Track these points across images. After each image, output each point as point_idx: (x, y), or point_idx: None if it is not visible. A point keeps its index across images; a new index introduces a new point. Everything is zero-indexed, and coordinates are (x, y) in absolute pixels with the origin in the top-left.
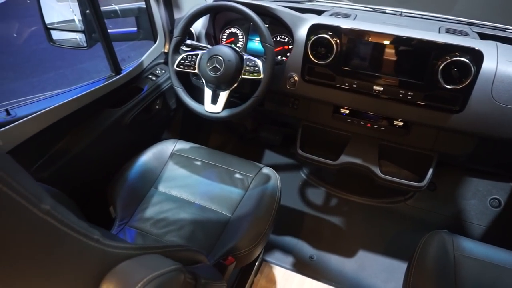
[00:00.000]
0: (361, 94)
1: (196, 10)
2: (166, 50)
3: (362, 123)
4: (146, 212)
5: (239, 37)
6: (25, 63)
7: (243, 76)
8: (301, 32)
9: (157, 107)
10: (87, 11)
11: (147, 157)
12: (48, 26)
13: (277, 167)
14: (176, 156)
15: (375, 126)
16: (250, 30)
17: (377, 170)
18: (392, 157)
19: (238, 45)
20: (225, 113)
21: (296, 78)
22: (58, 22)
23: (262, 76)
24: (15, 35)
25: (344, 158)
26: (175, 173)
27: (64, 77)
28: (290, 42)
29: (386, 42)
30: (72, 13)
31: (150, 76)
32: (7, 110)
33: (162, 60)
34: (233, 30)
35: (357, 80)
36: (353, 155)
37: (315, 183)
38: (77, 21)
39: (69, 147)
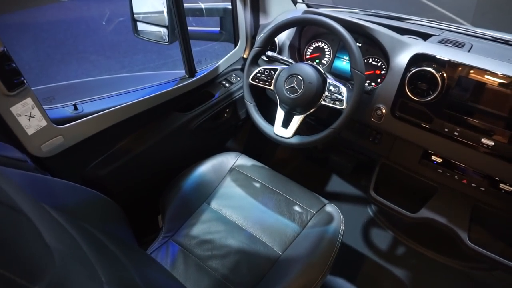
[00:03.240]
0: (462, 145)
1: (283, 22)
2: (245, 56)
3: (456, 177)
4: (193, 228)
5: (326, 52)
6: (121, 42)
7: (322, 102)
8: (400, 60)
9: (225, 115)
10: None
11: (206, 168)
12: (135, 18)
13: (342, 197)
14: (235, 172)
15: (473, 184)
16: (339, 47)
17: (465, 236)
18: (487, 224)
19: (323, 61)
20: (295, 140)
21: (384, 111)
22: (147, 12)
23: (344, 106)
24: (104, 23)
25: (425, 213)
26: (231, 191)
27: (151, 60)
28: (383, 67)
29: None
30: (163, 5)
31: (223, 82)
32: (75, 105)
33: (239, 66)
34: (320, 44)
35: (461, 127)
36: (438, 211)
37: (383, 224)
38: (165, 14)
39: (130, 147)
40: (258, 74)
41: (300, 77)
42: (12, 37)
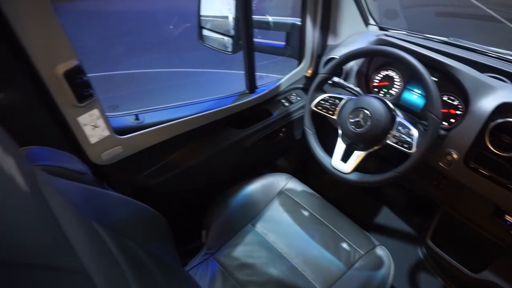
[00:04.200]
0: None
1: (357, 51)
2: (307, 75)
3: None
4: (236, 249)
5: (395, 83)
6: (184, 38)
7: (388, 142)
8: (483, 106)
9: (280, 134)
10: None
11: (255, 187)
12: (201, 25)
13: (391, 232)
14: (284, 196)
15: None
16: (411, 78)
17: None
18: None
19: (391, 91)
20: (354, 177)
21: (455, 157)
22: (214, 17)
23: (413, 151)
24: (171, 27)
25: (488, 275)
26: (277, 215)
27: (209, 59)
28: (460, 107)
29: None
30: (229, 11)
31: (283, 101)
32: (136, 115)
33: (301, 85)
34: (390, 73)
35: None
36: (505, 276)
37: (433, 270)
38: (230, 19)
39: (182, 160)
40: (322, 102)
41: (367, 112)
42: (80, 23)
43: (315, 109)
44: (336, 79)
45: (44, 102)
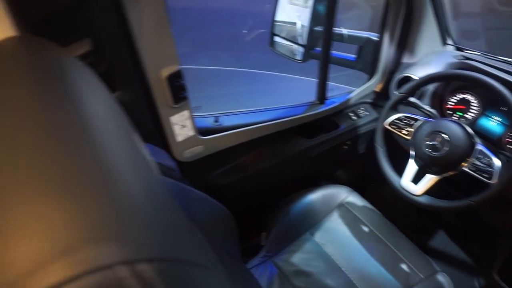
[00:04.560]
0: None
1: (439, 74)
2: (377, 90)
3: None
4: (294, 256)
5: (473, 107)
6: (244, 39)
7: (465, 169)
8: None
9: (345, 147)
10: (315, 28)
11: (316, 197)
12: (274, 33)
13: (447, 258)
14: (343, 209)
15: None
16: (491, 104)
17: None
18: None
19: (467, 115)
20: (424, 200)
21: None
22: (286, 23)
23: (493, 182)
24: (245, 31)
25: None
26: (336, 227)
27: (263, 60)
28: None
29: None
30: (298, 18)
31: (351, 114)
32: (216, 118)
33: (370, 100)
34: (467, 97)
35: None
36: None
37: None
38: (298, 26)
39: (251, 163)
40: (396, 121)
41: (445, 136)
42: None
43: (388, 127)
44: (412, 99)
45: (146, 100)
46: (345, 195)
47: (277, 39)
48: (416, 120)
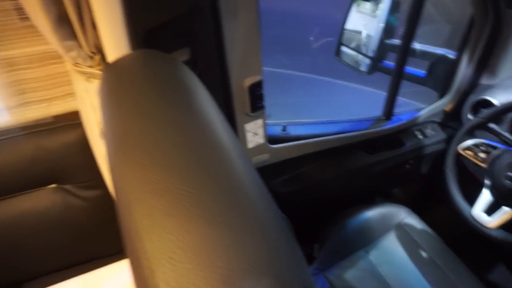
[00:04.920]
0: None
1: None
2: (447, 109)
3: None
4: (346, 272)
5: None
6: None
7: None
8: None
9: (407, 166)
10: (386, 40)
11: (374, 214)
12: (342, 42)
13: None
14: (401, 230)
15: None
16: None
17: None
18: None
19: None
20: (498, 234)
21: None
22: (349, 30)
23: None
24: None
25: None
26: (392, 248)
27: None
28: None
29: None
30: (364, 27)
31: (417, 133)
32: (284, 127)
33: (438, 119)
34: None
35: None
36: None
37: None
38: (363, 35)
39: (312, 174)
40: (472, 146)
41: None
42: None
43: (462, 152)
44: (492, 125)
45: (225, 107)
46: (403, 215)
47: (343, 48)
48: (495, 147)
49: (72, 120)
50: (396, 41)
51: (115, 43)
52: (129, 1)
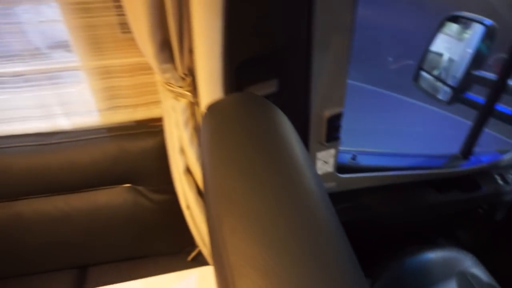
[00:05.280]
0: None
1: None
2: None
3: None
4: None
5: None
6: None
7: None
8: None
9: (479, 210)
10: (474, 71)
11: (435, 257)
12: (422, 67)
13: None
14: (463, 279)
15: None
16: None
17: None
18: None
19: None
20: None
21: None
22: (431, 53)
23: None
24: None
25: None
26: None
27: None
28: None
29: None
30: (447, 50)
31: (496, 177)
32: (354, 155)
33: None
34: None
35: None
36: None
37: None
38: (444, 59)
39: (373, 205)
40: None
41: None
42: None
43: None
44: None
45: (301, 133)
46: (468, 263)
47: (423, 73)
48: None
49: (152, 128)
50: (486, 74)
51: (209, 68)
52: (229, 33)
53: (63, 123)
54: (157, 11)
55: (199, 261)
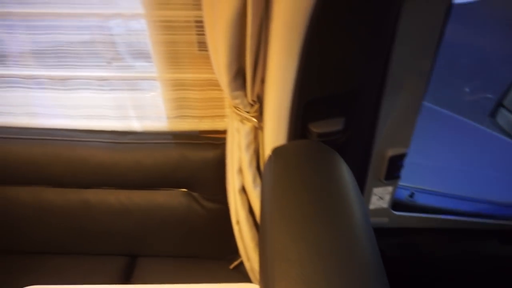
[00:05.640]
0: None
1: None
2: None
3: None
4: None
5: None
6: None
7: None
8: None
9: None
10: None
11: None
12: (502, 104)
13: None
14: None
15: None
16: None
17: None
18: None
19: None
20: None
21: None
22: None
23: None
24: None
25: None
26: None
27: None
28: None
29: None
30: None
31: None
32: (412, 193)
33: None
34: None
35: None
36: None
37: None
38: None
39: (428, 247)
40: None
41: None
42: None
43: None
44: None
45: (359, 169)
46: None
47: (503, 110)
48: None
49: (214, 140)
50: None
51: (278, 101)
52: (303, 72)
53: (135, 125)
54: (236, 47)
55: (239, 271)
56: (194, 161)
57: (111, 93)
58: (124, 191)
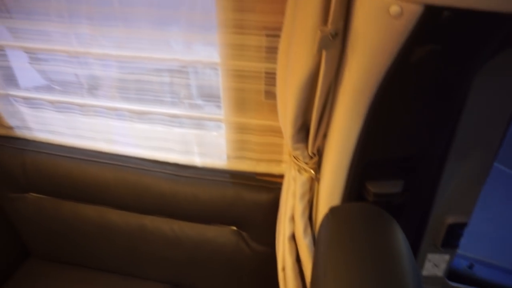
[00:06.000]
0: None
1: None
2: None
3: None
4: None
5: None
6: None
7: None
8: None
9: None
10: None
11: None
12: None
13: None
14: None
15: None
16: None
17: None
18: None
19: None
20: None
21: None
22: None
23: None
24: None
25: None
26: None
27: None
28: None
29: None
30: None
31: None
32: (471, 264)
33: None
34: None
35: None
36: None
37: None
38: None
39: None
40: None
41: None
42: None
43: None
44: None
45: (413, 231)
46: None
47: None
48: None
49: (269, 183)
50: None
51: (338, 158)
52: (366, 134)
53: (197, 160)
54: (304, 104)
55: None
56: (248, 202)
57: (179, 129)
58: (179, 222)
